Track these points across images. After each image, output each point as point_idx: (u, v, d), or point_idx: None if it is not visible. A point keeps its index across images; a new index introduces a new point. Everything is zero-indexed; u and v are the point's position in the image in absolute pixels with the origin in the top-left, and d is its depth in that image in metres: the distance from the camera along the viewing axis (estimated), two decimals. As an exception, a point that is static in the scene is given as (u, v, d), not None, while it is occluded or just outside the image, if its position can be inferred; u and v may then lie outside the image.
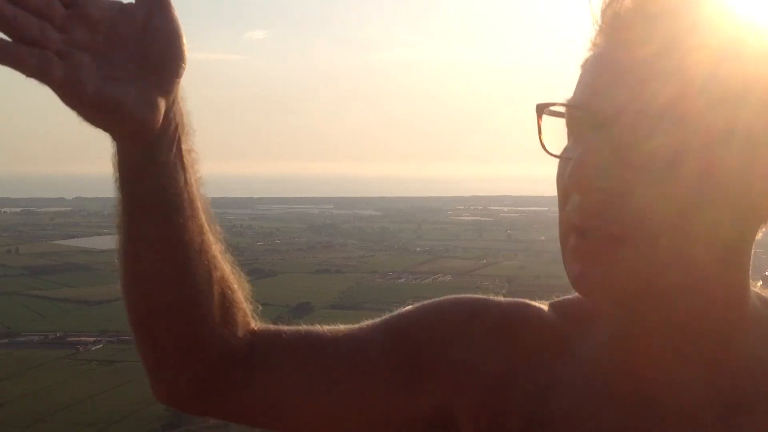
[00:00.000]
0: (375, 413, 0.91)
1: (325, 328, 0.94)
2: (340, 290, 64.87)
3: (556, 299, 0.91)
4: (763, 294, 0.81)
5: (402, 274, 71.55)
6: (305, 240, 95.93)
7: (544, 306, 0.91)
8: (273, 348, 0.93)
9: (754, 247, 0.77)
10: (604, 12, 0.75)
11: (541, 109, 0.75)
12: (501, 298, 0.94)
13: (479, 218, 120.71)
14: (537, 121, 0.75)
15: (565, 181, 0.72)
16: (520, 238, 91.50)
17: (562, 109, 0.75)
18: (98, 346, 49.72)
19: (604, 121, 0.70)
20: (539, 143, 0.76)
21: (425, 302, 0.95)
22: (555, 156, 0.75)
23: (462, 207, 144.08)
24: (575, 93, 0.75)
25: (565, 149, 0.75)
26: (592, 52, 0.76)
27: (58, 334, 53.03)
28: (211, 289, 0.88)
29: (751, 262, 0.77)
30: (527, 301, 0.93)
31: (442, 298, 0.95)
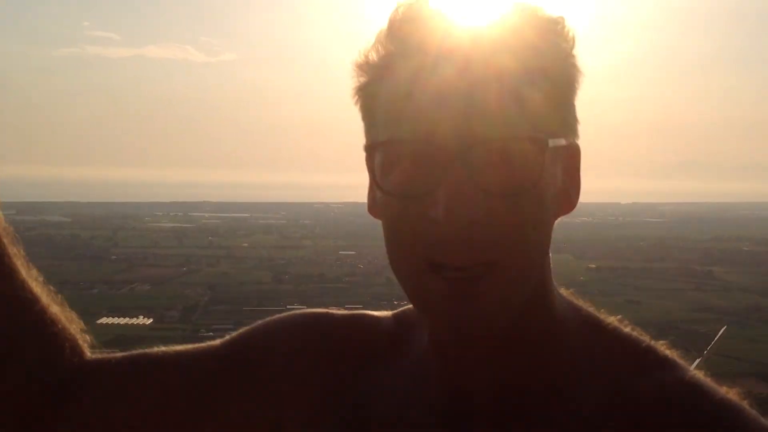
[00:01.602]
0: (211, 426, 0.91)
1: (172, 348, 0.95)
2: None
3: (400, 309, 0.93)
4: (571, 300, 0.84)
5: (95, 284, 67.49)
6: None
7: (385, 315, 0.94)
8: (103, 373, 0.94)
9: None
10: (398, 33, 0.76)
11: (373, 149, 0.75)
12: (341, 311, 0.95)
13: (179, 224, 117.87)
14: (368, 163, 0.76)
15: (433, 216, 0.71)
16: (222, 245, 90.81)
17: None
18: None
19: (457, 154, 0.70)
20: (376, 184, 0.76)
21: (272, 317, 0.97)
22: (391, 194, 0.75)
23: (161, 213, 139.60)
24: (403, 127, 0.73)
25: (399, 182, 0.74)
26: (381, 76, 0.76)
27: None
28: (23, 332, 0.89)
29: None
30: (367, 311, 0.95)
31: (288, 313, 0.97)
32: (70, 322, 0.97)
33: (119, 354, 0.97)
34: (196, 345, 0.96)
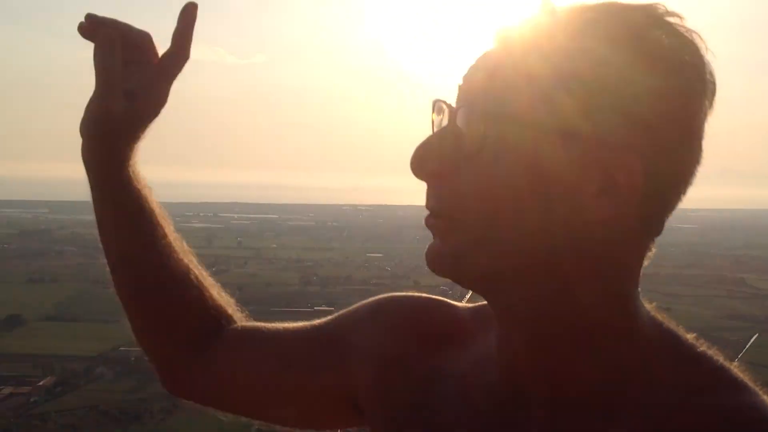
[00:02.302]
0: (311, 394, 1.04)
1: (294, 324, 1.09)
2: (56, 301, 60.41)
3: (479, 303, 0.95)
4: (656, 315, 0.82)
5: (127, 282, 68.10)
6: (15, 247, 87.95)
7: (463, 306, 0.97)
8: (240, 333, 1.11)
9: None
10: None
11: (434, 104, 0.81)
12: (425, 295, 1.01)
13: (209, 225, 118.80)
14: (431, 115, 0.81)
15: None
16: (251, 246, 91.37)
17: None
18: None
19: (452, 113, 0.77)
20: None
21: (364, 302, 1.05)
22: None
23: (191, 213, 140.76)
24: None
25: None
26: None
27: None
28: (187, 275, 1.09)
29: (623, 272, 0.77)
30: (446, 300, 0.99)
31: (377, 297, 1.04)
32: (222, 295, 1.14)
33: (253, 324, 1.12)
34: (307, 323, 1.08)
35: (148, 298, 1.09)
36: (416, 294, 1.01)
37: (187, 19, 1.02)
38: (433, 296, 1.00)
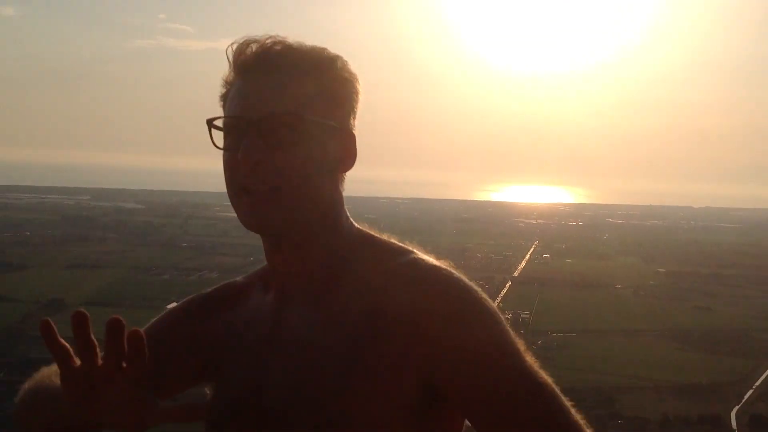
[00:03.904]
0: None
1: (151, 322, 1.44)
2: (96, 286, 61.37)
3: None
4: (363, 228, 1.32)
5: (166, 270, 69.20)
6: (59, 233, 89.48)
7: (238, 278, 1.44)
8: None
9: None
10: (235, 62, 1.24)
11: (210, 122, 1.25)
12: (208, 289, 1.45)
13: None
14: (209, 130, 1.25)
15: (238, 159, 1.18)
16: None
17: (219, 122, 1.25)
18: None
19: (252, 122, 1.19)
20: (212, 143, 1.24)
21: (176, 306, 1.46)
22: (221, 149, 1.23)
23: (228, 203, 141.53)
24: (229, 110, 1.24)
25: (228, 144, 1.22)
26: (229, 88, 1.26)
27: None
28: None
29: (341, 199, 1.30)
30: (226, 281, 1.44)
31: (183, 300, 1.46)
32: None
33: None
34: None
35: None
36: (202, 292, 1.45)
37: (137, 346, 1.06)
38: (215, 286, 1.44)
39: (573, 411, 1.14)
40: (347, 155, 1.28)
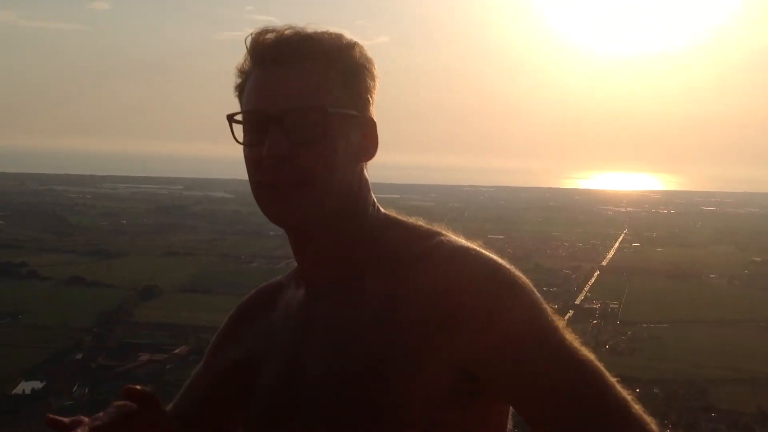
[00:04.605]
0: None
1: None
2: (190, 273, 63.22)
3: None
4: (391, 213, 1.31)
5: (254, 258, 70.68)
6: (153, 221, 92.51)
7: (273, 280, 1.46)
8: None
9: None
10: (253, 52, 1.21)
11: (231, 117, 1.22)
12: (252, 291, 1.49)
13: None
14: (230, 126, 1.22)
15: (262, 155, 1.17)
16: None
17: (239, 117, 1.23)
18: None
19: (274, 118, 1.17)
20: (233, 139, 1.22)
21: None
22: (242, 143, 1.21)
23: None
24: (249, 104, 1.21)
25: (250, 139, 1.20)
26: (245, 78, 1.23)
27: None
28: None
29: (368, 185, 1.28)
30: (264, 283, 1.47)
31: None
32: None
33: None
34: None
35: None
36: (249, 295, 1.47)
37: None
38: (257, 288, 1.46)
39: (619, 387, 1.10)
40: (370, 143, 1.25)
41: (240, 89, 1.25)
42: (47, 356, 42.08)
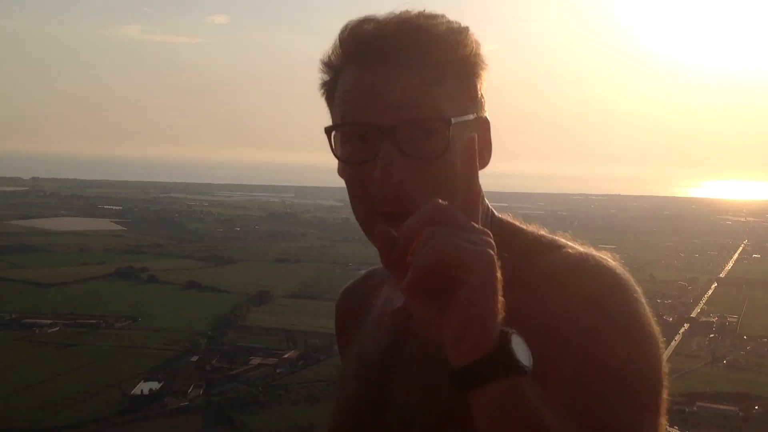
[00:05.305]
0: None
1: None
2: (300, 280, 64.63)
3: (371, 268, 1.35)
4: (510, 220, 1.14)
5: (362, 265, 71.06)
6: (265, 228, 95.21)
7: (361, 274, 1.36)
8: None
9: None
10: (349, 46, 1.01)
11: (330, 130, 1.01)
12: (347, 285, 1.39)
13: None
14: (329, 140, 1.02)
15: (374, 177, 0.96)
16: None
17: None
18: (54, 329, 48.67)
19: (387, 131, 0.96)
20: (333, 155, 1.02)
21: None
22: (347, 161, 1.01)
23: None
24: (348, 111, 0.99)
25: (351, 153, 1.00)
26: (334, 75, 1.03)
27: (13, 316, 51.41)
28: None
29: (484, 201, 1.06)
30: (349, 282, 1.37)
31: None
32: None
33: None
34: None
35: None
36: (344, 286, 1.37)
37: None
38: (349, 283, 1.36)
39: (663, 418, 0.96)
40: (484, 146, 1.07)
41: (328, 88, 1.05)
42: (166, 358, 43.91)
